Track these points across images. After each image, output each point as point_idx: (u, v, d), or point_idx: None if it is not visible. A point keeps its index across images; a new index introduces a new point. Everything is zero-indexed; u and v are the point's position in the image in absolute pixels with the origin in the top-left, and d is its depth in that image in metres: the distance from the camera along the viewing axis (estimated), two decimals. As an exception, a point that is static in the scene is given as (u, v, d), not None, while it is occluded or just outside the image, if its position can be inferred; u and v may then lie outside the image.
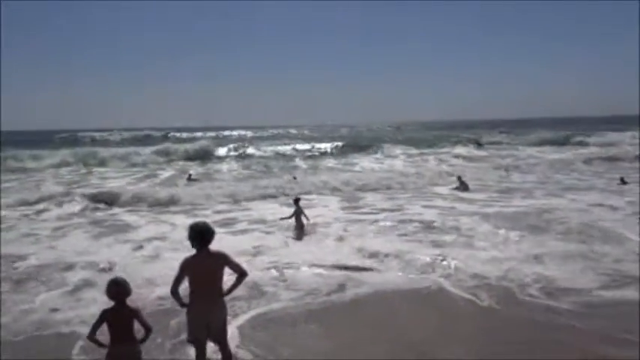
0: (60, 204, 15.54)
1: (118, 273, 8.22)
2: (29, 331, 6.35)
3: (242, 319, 6.44)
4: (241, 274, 4.64)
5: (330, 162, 32.10)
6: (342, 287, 7.68)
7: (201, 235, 4.51)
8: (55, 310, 7.01)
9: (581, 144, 40.15)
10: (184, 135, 71.01)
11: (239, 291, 5.13)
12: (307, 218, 11.46)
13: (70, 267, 9.09)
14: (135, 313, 4.30)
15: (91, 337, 4.24)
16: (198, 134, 74.65)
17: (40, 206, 15.40)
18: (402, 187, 18.66)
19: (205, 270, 4.51)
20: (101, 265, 9.03)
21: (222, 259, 4.60)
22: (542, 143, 41.67)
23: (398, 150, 37.57)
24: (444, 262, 8.75)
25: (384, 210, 14.33)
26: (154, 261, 9.37)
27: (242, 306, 6.79)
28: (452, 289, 7.49)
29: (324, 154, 38.68)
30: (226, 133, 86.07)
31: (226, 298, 4.69)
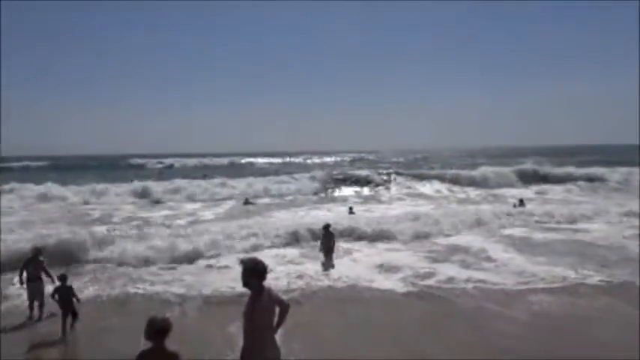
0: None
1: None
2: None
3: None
4: (286, 307, 4.66)
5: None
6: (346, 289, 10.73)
7: (257, 271, 4.45)
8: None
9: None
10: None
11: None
12: (334, 243, 13.75)
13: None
14: (174, 358, 4.04)
15: None
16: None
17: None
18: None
19: (266, 311, 4.45)
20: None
21: (273, 294, 4.59)
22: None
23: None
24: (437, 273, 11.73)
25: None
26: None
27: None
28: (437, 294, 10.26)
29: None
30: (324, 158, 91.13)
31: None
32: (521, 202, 22.91)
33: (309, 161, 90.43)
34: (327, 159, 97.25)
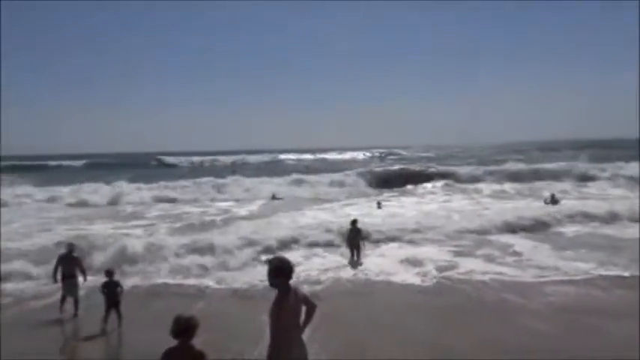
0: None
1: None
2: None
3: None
4: (312, 306, 4.64)
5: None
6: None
7: (283, 271, 4.43)
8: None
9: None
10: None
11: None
12: (362, 238, 14.02)
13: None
14: (200, 358, 4.05)
15: None
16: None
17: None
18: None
19: (293, 311, 4.45)
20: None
21: (300, 293, 4.57)
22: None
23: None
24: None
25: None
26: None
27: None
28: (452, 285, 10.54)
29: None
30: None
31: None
32: (553, 198, 22.61)
33: (339, 157, 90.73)
34: (357, 154, 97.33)
